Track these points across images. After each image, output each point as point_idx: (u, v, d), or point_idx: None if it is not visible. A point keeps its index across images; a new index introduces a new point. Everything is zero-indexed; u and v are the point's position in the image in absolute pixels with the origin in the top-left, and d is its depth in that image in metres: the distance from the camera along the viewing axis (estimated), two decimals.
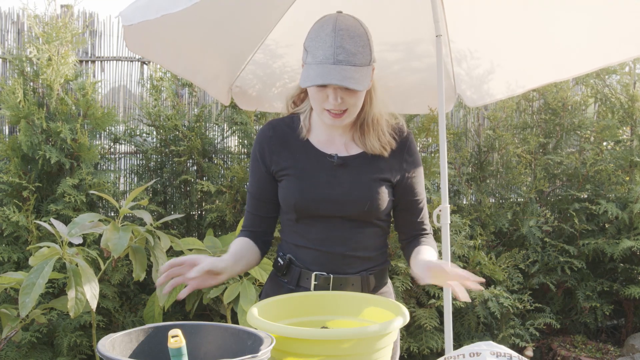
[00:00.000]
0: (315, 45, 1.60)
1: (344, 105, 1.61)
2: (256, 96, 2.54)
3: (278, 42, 2.36)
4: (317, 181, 1.68)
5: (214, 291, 2.93)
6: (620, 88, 4.30)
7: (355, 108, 1.65)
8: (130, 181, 3.68)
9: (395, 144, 1.73)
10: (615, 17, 2.02)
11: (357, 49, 1.58)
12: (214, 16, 1.97)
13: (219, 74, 2.35)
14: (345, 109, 1.62)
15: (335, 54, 1.56)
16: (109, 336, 1.17)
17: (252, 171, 1.78)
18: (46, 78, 3.18)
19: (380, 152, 1.71)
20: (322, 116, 1.65)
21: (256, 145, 1.77)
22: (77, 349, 3.20)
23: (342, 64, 1.56)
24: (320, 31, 1.60)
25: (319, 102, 1.63)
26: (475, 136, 4.28)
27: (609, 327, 4.48)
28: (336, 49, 1.56)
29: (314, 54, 1.59)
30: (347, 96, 1.61)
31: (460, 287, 1.40)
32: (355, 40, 1.58)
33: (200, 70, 2.28)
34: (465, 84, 2.56)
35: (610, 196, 4.21)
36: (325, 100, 1.61)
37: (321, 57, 1.57)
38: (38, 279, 2.10)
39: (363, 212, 1.68)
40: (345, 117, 1.64)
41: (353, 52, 1.57)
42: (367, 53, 1.60)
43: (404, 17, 2.32)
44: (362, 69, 1.58)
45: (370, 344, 1.31)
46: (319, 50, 1.58)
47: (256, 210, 1.77)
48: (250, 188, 1.78)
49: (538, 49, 2.29)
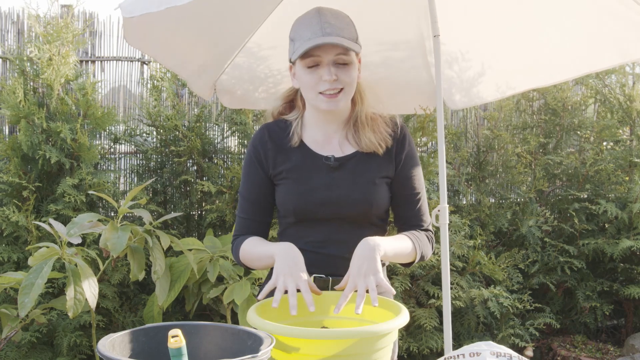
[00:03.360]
0: (300, 28, 1.61)
1: (339, 83, 1.60)
2: (240, 95, 2.52)
3: (260, 44, 2.34)
4: (315, 184, 1.67)
5: (214, 291, 2.93)
6: (619, 88, 4.30)
7: (350, 88, 1.63)
8: (130, 181, 3.68)
9: (391, 138, 1.72)
10: (603, 24, 2.02)
11: (342, 25, 1.59)
12: (207, 11, 1.96)
13: (204, 69, 2.33)
14: (340, 88, 1.60)
15: (322, 28, 1.57)
16: (109, 336, 1.17)
17: (247, 175, 1.74)
18: (46, 78, 3.18)
19: (376, 149, 1.69)
20: (317, 101, 1.63)
21: (252, 148, 1.74)
22: (77, 349, 3.20)
23: (331, 35, 1.56)
24: (303, 19, 1.62)
25: (312, 86, 1.61)
26: (474, 136, 4.28)
27: (609, 327, 4.48)
28: (323, 24, 1.57)
29: (300, 35, 1.59)
30: (341, 73, 1.59)
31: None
32: (339, 19, 1.60)
33: (187, 64, 2.26)
34: (455, 87, 2.56)
35: (610, 196, 4.21)
36: (319, 82, 1.59)
37: (309, 34, 1.57)
38: (37, 279, 2.10)
39: (362, 213, 1.67)
40: (340, 97, 1.61)
41: (340, 27, 1.59)
42: (353, 31, 1.62)
43: (392, 17, 2.31)
44: (351, 43, 1.59)
45: (370, 344, 1.31)
46: (306, 30, 1.58)
47: (253, 215, 1.73)
48: (246, 193, 1.74)
49: (529, 52, 2.30)
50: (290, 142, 1.71)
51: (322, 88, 1.60)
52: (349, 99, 1.66)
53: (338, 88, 1.60)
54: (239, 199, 1.77)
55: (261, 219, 1.74)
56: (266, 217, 1.74)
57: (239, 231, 1.75)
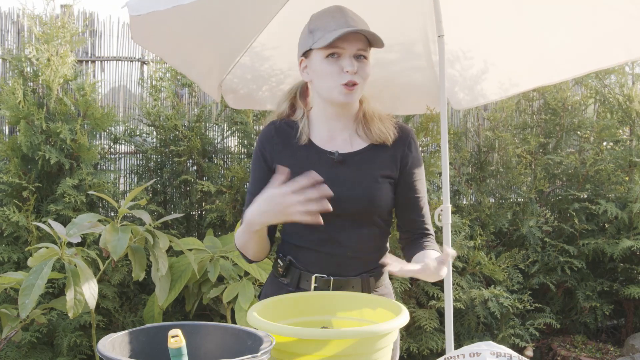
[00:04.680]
0: (323, 21, 1.62)
1: (357, 77, 1.61)
2: (244, 94, 2.52)
3: (264, 44, 2.34)
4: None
5: (214, 291, 2.93)
6: (619, 88, 4.31)
7: (365, 83, 1.66)
8: (130, 181, 3.68)
9: (397, 138, 1.73)
10: (607, 22, 2.02)
11: (364, 23, 1.63)
12: (214, 11, 1.96)
13: (211, 69, 2.34)
14: (357, 82, 1.62)
15: (347, 22, 1.59)
16: (109, 336, 1.17)
17: (254, 172, 1.75)
18: (45, 78, 3.18)
19: (386, 139, 1.70)
20: (334, 93, 1.63)
21: (258, 145, 1.75)
22: (77, 349, 3.20)
23: (358, 25, 1.59)
24: (325, 12, 1.64)
25: (332, 77, 1.62)
26: (475, 136, 4.28)
27: (609, 327, 4.48)
28: (347, 18, 1.60)
29: (324, 26, 1.61)
30: (360, 67, 1.61)
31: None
32: (359, 18, 1.63)
33: (195, 64, 2.27)
34: (458, 85, 2.55)
35: (610, 196, 4.21)
36: (340, 73, 1.60)
37: (334, 25, 1.59)
38: (37, 280, 2.10)
39: (364, 210, 1.67)
40: (356, 90, 1.63)
41: (364, 23, 1.63)
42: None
43: (396, 18, 2.31)
44: (377, 36, 1.61)
45: (370, 344, 1.30)
46: (330, 22, 1.60)
47: None
48: (251, 188, 1.74)
49: (532, 50, 2.30)
50: (298, 141, 1.72)
51: (343, 80, 1.61)
52: (360, 94, 1.69)
53: (357, 81, 1.62)
54: (246, 195, 1.78)
55: None
56: None
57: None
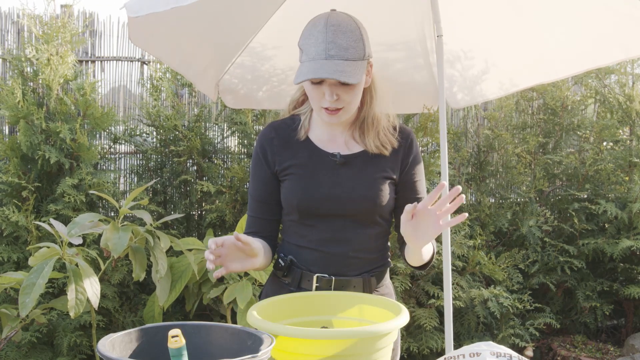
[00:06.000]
0: (307, 42, 1.61)
1: (340, 102, 1.62)
2: (244, 94, 2.52)
3: (265, 44, 2.34)
4: (320, 180, 1.68)
5: (214, 291, 2.93)
6: (619, 88, 4.31)
7: (352, 105, 1.65)
8: (130, 181, 3.68)
9: (397, 142, 1.73)
10: (605, 21, 2.03)
11: (349, 44, 1.58)
12: (212, 11, 1.96)
13: (208, 69, 2.33)
14: (341, 107, 1.63)
15: (327, 49, 1.57)
16: (109, 336, 1.17)
17: (254, 174, 1.76)
18: (45, 78, 3.18)
19: (380, 151, 1.71)
20: (320, 114, 1.66)
21: (258, 146, 1.76)
22: (77, 349, 3.20)
23: (334, 58, 1.56)
24: (312, 29, 1.62)
25: (316, 100, 1.64)
26: (474, 136, 4.28)
27: (609, 327, 4.49)
28: (327, 44, 1.57)
29: (307, 51, 1.61)
30: (343, 93, 1.61)
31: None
32: (347, 35, 1.59)
33: (192, 64, 2.27)
34: (457, 85, 2.55)
35: (610, 196, 4.21)
36: (322, 98, 1.62)
37: (313, 53, 1.58)
38: (38, 279, 2.10)
39: (366, 210, 1.68)
40: (341, 114, 1.64)
41: (345, 47, 1.58)
42: (361, 47, 1.61)
43: (395, 17, 2.31)
44: (356, 63, 1.58)
45: (370, 344, 1.31)
46: (311, 47, 1.59)
47: (261, 214, 1.75)
48: (253, 191, 1.76)
49: (532, 48, 2.30)
50: (297, 135, 1.73)
51: (324, 104, 1.63)
52: (351, 113, 1.69)
53: (339, 107, 1.62)
54: (248, 198, 1.79)
55: (270, 217, 1.75)
56: (273, 215, 1.75)
57: (248, 229, 1.77)
